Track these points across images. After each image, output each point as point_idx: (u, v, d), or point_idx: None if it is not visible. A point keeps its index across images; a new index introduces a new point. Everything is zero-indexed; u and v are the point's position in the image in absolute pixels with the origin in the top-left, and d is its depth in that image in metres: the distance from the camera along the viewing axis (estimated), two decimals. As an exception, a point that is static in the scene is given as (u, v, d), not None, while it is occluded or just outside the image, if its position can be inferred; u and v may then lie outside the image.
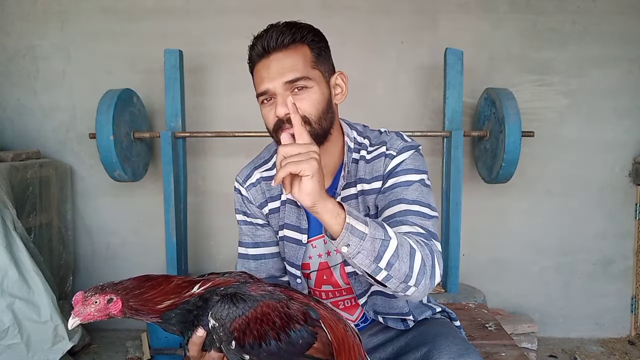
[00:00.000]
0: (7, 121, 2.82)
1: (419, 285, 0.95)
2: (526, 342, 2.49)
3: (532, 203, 2.78)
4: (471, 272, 2.76)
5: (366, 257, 0.90)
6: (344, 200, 1.16)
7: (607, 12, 2.66)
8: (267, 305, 0.86)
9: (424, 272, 0.95)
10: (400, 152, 1.13)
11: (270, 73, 1.06)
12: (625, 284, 2.81)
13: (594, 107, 2.72)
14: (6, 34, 2.76)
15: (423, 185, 1.10)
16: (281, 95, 1.06)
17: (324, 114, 1.09)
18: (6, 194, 2.23)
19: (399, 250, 0.92)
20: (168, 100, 2.46)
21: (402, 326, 1.23)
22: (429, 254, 0.97)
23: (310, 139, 0.94)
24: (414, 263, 0.94)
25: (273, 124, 1.09)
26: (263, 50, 1.07)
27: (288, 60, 1.06)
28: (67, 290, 2.77)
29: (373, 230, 0.90)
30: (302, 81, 1.06)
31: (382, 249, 0.91)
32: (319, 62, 1.10)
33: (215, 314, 0.84)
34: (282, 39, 1.06)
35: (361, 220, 0.90)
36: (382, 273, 0.92)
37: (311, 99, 1.07)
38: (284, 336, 0.84)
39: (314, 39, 1.10)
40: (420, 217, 1.05)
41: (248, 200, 1.25)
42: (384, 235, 0.92)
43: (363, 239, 0.89)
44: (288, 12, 1.28)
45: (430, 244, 1.00)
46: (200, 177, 2.82)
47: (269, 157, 1.27)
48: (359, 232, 0.89)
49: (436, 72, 2.63)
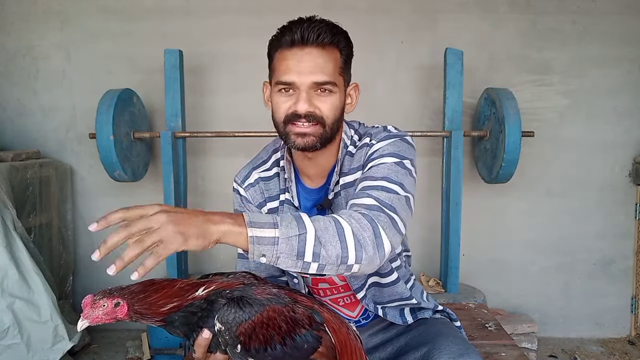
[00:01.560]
0: (7, 121, 2.82)
1: (361, 260, 0.89)
2: (526, 342, 2.49)
3: (532, 203, 2.78)
4: (471, 272, 2.76)
5: (287, 258, 0.85)
6: (336, 196, 1.16)
7: (607, 12, 2.66)
8: (274, 310, 0.85)
9: (362, 246, 0.89)
10: (381, 140, 1.11)
11: (301, 67, 1.05)
12: (625, 284, 2.81)
13: (594, 107, 2.72)
14: (6, 34, 2.76)
15: (399, 167, 1.06)
16: (306, 92, 1.06)
17: (337, 119, 1.11)
18: (6, 194, 2.23)
19: (322, 237, 0.87)
20: (168, 100, 2.46)
21: (400, 320, 1.24)
22: (367, 225, 0.91)
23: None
24: (346, 242, 0.88)
25: (285, 114, 1.08)
26: (301, 40, 1.05)
27: (321, 60, 1.06)
28: (67, 290, 2.77)
29: (285, 230, 0.85)
30: (329, 85, 1.07)
31: (300, 244, 0.85)
32: (344, 69, 1.11)
33: (221, 318, 0.84)
34: (323, 36, 1.05)
35: (269, 225, 0.85)
36: (312, 266, 0.87)
37: (332, 103, 1.08)
38: (290, 340, 0.84)
39: (346, 46, 1.11)
40: (380, 191, 1.00)
41: (247, 201, 1.25)
42: (299, 230, 0.86)
43: (276, 244, 0.84)
44: (288, 12, 1.28)
45: (376, 214, 0.94)
46: (200, 177, 2.82)
47: (267, 158, 1.27)
48: (268, 239, 0.84)
49: (436, 72, 2.63)
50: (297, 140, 1.08)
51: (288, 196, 1.21)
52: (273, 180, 1.24)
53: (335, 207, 1.16)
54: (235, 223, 0.84)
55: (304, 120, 1.06)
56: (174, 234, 0.78)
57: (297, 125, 1.07)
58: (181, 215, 0.80)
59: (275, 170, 1.24)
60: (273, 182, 1.23)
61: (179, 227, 0.78)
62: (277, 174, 1.23)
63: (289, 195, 1.21)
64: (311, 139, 1.08)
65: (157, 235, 0.77)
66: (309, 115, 1.06)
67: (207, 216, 0.83)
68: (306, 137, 1.07)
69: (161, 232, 0.77)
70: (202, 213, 0.84)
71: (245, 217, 0.85)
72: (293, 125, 1.08)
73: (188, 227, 0.79)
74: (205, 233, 0.81)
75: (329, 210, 1.17)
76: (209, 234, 0.81)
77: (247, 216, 0.85)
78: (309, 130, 1.07)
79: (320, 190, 1.20)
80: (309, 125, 1.07)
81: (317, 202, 1.19)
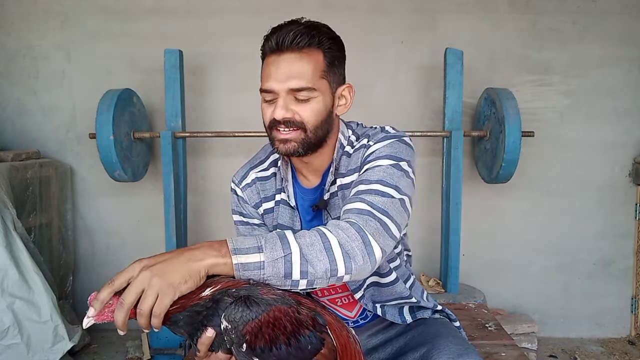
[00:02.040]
0: (7, 121, 2.82)
1: (352, 270, 0.89)
2: (526, 342, 2.49)
3: (532, 203, 2.78)
4: (471, 272, 2.76)
5: (276, 280, 0.86)
6: (331, 196, 1.16)
7: (607, 12, 2.66)
8: (279, 310, 0.85)
9: (351, 257, 0.89)
10: (378, 141, 1.10)
11: (278, 74, 1.05)
12: (625, 284, 2.81)
13: (594, 107, 2.72)
14: (6, 34, 2.76)
15: (396, 169, 1.05)
16: (283, 98, 1.06)
17: (322, 124, 1.09)
18: (6, 194, 2.23)
19: (308, 254, 0.87)
20: (168, 100, 2.46)
21: (399, 320, 1.24)
22: (354, 234, 0.91)
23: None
24: (333, 255, 0.88)
25: (269, 121, 1.09)
26: (276, 46, 1.05)
27: (298, 64, 1.04)
28: (67, 290, 2.77)
29: (270, 252, 0.86)
30: (306, 92, 1.05)
31: (286, 265, 0.86)
32: (329, 71, 1.09)
33: (228, 316, 0.84)
34: (298, 40, 1.03)
35: (253, 249, 0.86)
36: (301, 283, 0.88)
37: (312, 108, 1.07)
38: (294, 341, 0.84)
39: (331, 47, 1.08)
40: (374, 195, 0.99)
41: (244, 201, 1.25)
42: (284, 251, 0.87)
43: (262, 268, 0.85)
44: (288, 12, 1.28)
45: (366, 220, 0.94)
46: (200, 177, 2.82)
47: (265, 158, 1.27)
48: (253, 264, 0.85)
49: (436, 72, 2.63)
50: (279, 146, 1.09)
51: (284, 196, 1.21)
52: (270, 180, 1.24)
53: (331, 207, 1.16)
54: (219, 254, 0.85)
55: (283, 126, 1.06)
56: (164, 288, 0.79)
57: (279, 132, 1.08)
58: (163, 265, 0.82)
59: (273, 170, 1.24)
60: (270, 182, 1.24)
61: (166, 278, 0.80)
62: (274, 173, 1.24)
63: (284, 195, 1.21)
64: (292, 145, 1.07)
65: (151, 298, 0.79)
66: (287, 121, 1.06)
67: (189, 254, 0.84)
68: (287, 143, 1.08)
69: (152, 292, 0.79)
70: (182, 252, 0.84)
71: (229, 243, 0.86)
72: (275, 131, 1.08)
73: (173, 275, 0.81)
74: (191, 273, 0.82)
75: (325, 210, 1.17)
76: (195, 273, 0.82)
77: (230, 243, 0.86)
78: (289, 136, 1.07)
79: (316, 190, 1.20)
80: (289, 131, 1.07)
81: (313, 202, 1.19)
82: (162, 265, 0.81)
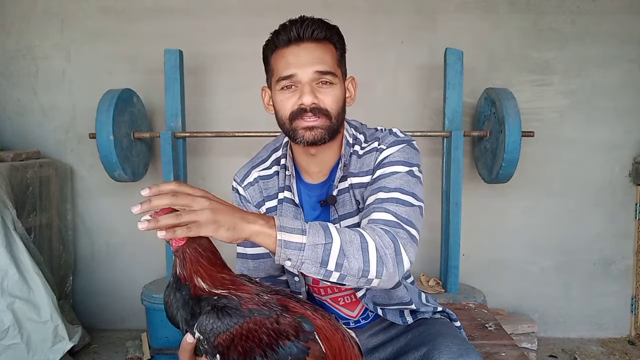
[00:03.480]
0: (7, 121, 2.82)
1: (381, 275, 0.93)
2: (526, 342, 2.49)
3: (532, 203, 2.78)
4: (471, 272, 2.76)
5: (312, 265, 0.90)
6: (340, 193, 1.17)
7: (607, 12, 2.66)
8: (255, 322, 0.84)
9: (384, 263, 0.93)
10: (390, 145, 1.13)
11: (300, 60, 1.08)
12: (625, 284, 2.81)
13: (594, 107, 2.72)
14: (6, 34, 2.76)
15: (410, 176, 1.09)
16: (309, 84, 1.08)
17: (341, 112, 1.13)
18: (6, 194, 2.23)
19: (346, 249, 0.91)
20: (168, 100, 2.46)
21: (400, 321, 1.24)
22: (389, 242, 0.95)
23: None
24: (369, 257, 0.92)
25: (291, 111, 1.10)
26: (297, 37, 1.08)
27: (318, 52, 1.09)
28: (67, 290, 2.77)
29: (312, 237, 0.90)
30: (329, 76, 1.09)
31: (325, 253, 0.90)
32: (341, 63, 1.15)
33: (200, 327, 0.84)
34: (317, 32, 1.09)
35: (297, 230, 0.89)
36: (333, 275, 0.92)
37: (334, 94, 1.10)
38: (271, 353, 0.83)
39: (339, 41, 1.15)
40: (396, 204, 1.03)
41: (246, 200, 1.25)
42: (325, 239, 0.90)
43: (302, 249, 0.88)
44: (288, 12, 1.28)
45: (396, 230, 0.99)
46: (200, 177, 2.82)
47: (267, 157, 1.27)
48: (295, 244, 0.88)
49: (436, 72, 2.63)
50: (305, 134, 1.10)
51: (288, 194, 1.21)
52: (272, 178, 1.24)
53: (339, 203, 1.17)
54: (267, 225, 0.88)
55: (310, 114, 1.08)
56: (209, 220, 0.82)
57: (304, 120, 1.09)
58: (221, 206, 0.85)
59: (275, 169, 1.24)
60: (272, 181, 1.24)
61: (216, 215, 0.83)
62: (277, 172, 1.24)
63: (288, 193, 1.21)
64: (319, 132, 1.09)
65: (195, 216, 0.81)
66: (314, 108, 1.08)
67: (243, 214, 0.87)
68: (314, 130, 1.09)
69: (199, 214, 0.81)
70: (239, 210, 0.88)
71: (276, 220, 0.89)
72: (300, 120, 1.09)
73: (224, 218, 0.84)
74: (237, 227, 0.85)
75: (333, 206, 1.17)
76: (240, 229, 0.85)
77: (277, 220, 0.90)
78: (316, 123, 1.09)
79: (323, 186, 1.20)
80: (315, 119, 1.08)
81: (319, 198, 1.19)
82: (219, 206, 0.85)
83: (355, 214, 1.17)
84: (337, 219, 1.17)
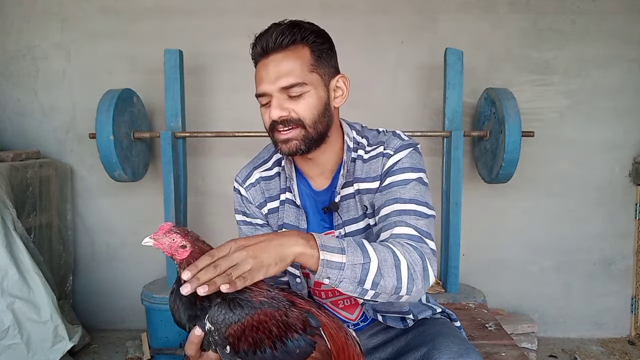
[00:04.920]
0: (7, 121, 2.82)
1: (412, 292, 0.95)
2: (526, 342, 2.49)
3: (532, 203, 2.78)
4: (471, 272, 2.76)
5: (350, 283, 0.91)
6: (344, 198, 1.16)
7: (607, 12, 2.66)
8: (265, 313, 0.85)
9: (414, 279, 0.95)
10: (397, 150, 1.13)
11: (268, 75, 1.06)
12: (625, 284, 2.81)
13: (594, 107, 2.72)
14: (6, 34, 2.76)
15: (420, 184, 1.10)
16: (277, 98, 1.07)
17: (320, 117, 1.09)
18: (6, 194, 2.23)
19: (382, 268, 0.92)
20: (168, 100, 2.46)
21: (401, 325, 1.24)
22: (418, 259, 0.97)
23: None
24: (401, 274, 0.94)
25: (269, 124, 1.10)
26: (262, 51, 1.07)
27: (285, 63, 1.05)
28: (67, 290, 2.77)
29: (352, 257, 0.91)
30: (297, 87, 1.06)
31: (363, 272, 0.91)
32: (318, 65, 1.09)
33: (211, 318, 0.84)
34: (281, 39, 1.05)
35: (337, 250, 0.90)
36: (369, 293, 0.93)
37: (307, 103, 1.07)
38: (280, 345, 0.84)
39: (315, 41, 1.09)
40: (415, 217, 1.05)
41: (247, 200, 1.25)
42: (364, 259, 0.92)
43: (342, 269, 0.90)
44: (288, 12, 1.28)
45: (421, 246, 1.00)
46: (200, 177, 2.82)
47: (269, 157, 1.27)
48: (336, 264, 0.89)
49: (436, 72, 2.63)
50: (282, 147, 1.10)
51: (289, 196, 1.21)
52: (274, 179, 1.24)
53: (342, 210, 1.17)
54: (308, 245, 0.89)
55: (282, 125, 1.07)
56: (256, 267, 0.84)
57: (280, 132, 1.09)
58: (258, 247, 0.86)
59: (277, 170, 1.24)
60: (274, 182, 1.23)
61: (259, 259, 0.84)
62: (278, 173, 1.23)
63: (290, 194, 1.20)
64: (294, 144, 1.08)
65: (241, 270, 0.83)
66: (284, 120, 1.07)
67: (279, 240, 0.88)
68: (289, 142, 1.09)
69: (244, 266, 0.83)
70: (275, 237, 0.89)
71: (316, 239, 0.91)
72: (277, 133, 1.09)
73: (267, 257, 0.85)
74: (282, 257, 0.87)
75: (336, 213, 1.17)
76: (285, 258, 0.87)
77: (318, 239, 0.91)
78: (289, 135, 1.08)
79: (327, 192, 1.20)
80: (288, 130, 1.08)
81: (324, 204, 1.19)
82: (257, 247, 0.86)
83: (360, 219, 1.16)
84: (341, 224, 1.17)
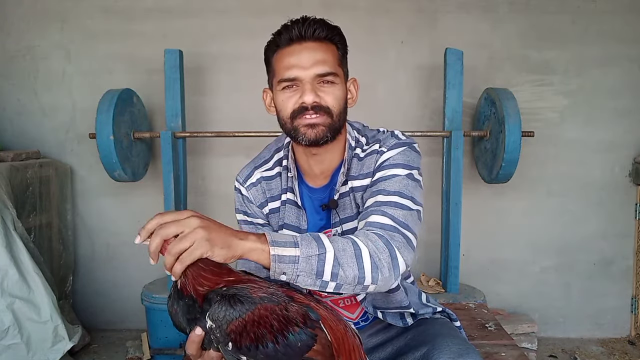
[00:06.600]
0: (7, 121, 2.82)
1: (377, 281, 0.94)
2: (526, 342, 2.49)
3: (532, 203, 2.78)
4: (471, 272, 2.76)
5: (307, 276, 0.90)
6: (341, 196, 1.17)
7: (607, 12, 2.66)
8: (265, 308, 0.86)
9: (378, 268, 0.93)
10: (391, 148, 1.13)
11: (302, 61, 1.08)
12: (625, 284, 2.81)
13: (594, 107, 2.72)
14: (6, 34, 2.76)
15: (410, 179, 1.09)
16: (310, 83, 1.08)
17: (343, 110, 1.13)
18: (6, 194, 2.23)
19: (340, 258, 0.91)
20: (168, 100, 2.46)
21: (400, 323, 1.24)
22: (383, 246, 0.95)
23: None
24: (363, 263, 0.93)
25: (293, 109, 1.10)
26: (299, 36, 1.08)
27: (320, 52, 1.09)
28: (67, 290, 2.77)
29: (305, 249, 0.90)
30: (331, 76, 1.09)
31: (319, 264, 0.90)
32: (342, 63, 1.15)
33: (212, 315, 0.85)
34: (319, 31, 1.09)
35: (290, 244, 0.89)
36: (330, 285, 0.92)
37: (335, 94, 1.10)
38: (282, 339, 0.84)
39: (341, 41, 1.14)
40: (394, 208, 1.03)
41: (248, 200, 1.25)
42: (319, 250, 0.91)
43: (296, 262, 0.89)
44: (288, 12, 1.28)
45: (392, 235, 0.99)
46: (200, 177, 2.82)
47: (270, 157, 1.27)
48: (289, 257, 0.88)
49: (436, 72, 2.62)
50: (307, 132, 1.09)
51: (291, 196, 1.21)
52: (275, 179, 1.24)
53: (340, 207, 1.17)
54: (259, 240, 0.88)
55: (312, 111, 1.08)
56: (203, 240, 0.82)
57: (306, 117, 1.09)
58: (212, 224, 0.85)
59: (278, 170, 1.24)
60: (275, 182, 1.23)
61: (209, 234, 0.83)
62: (279, 173, 1.23)
63: (291, 195, 1.20)
64: (321, 129, 1.09)
65: (189, 240, 0.82)
66: (315, 106, 1.08)
67: (234, 232, 0.88)
68: (316, 127, 1.09)
69: (193, 235, 0.82)
70: (230, 228, 0.88)
71: (267, 236, 0.90)
72: (301, 118, 1.09)
73: (216, 236, 0.84)
74: (231, 245, 0.85)
75: (334, 210, 1.17)
76: (234, 247, 0.86)
77: (269, 235, 0.90)
78: (317, 120, 1.09)
79: (325, 190, 1.20)
80: (317, 116, 1.08)
81: (322, 202, 1.19)
82: (210, 223, 0.85)
83: (355, 218, 1.17)
84: (338, 223, 1.17)
